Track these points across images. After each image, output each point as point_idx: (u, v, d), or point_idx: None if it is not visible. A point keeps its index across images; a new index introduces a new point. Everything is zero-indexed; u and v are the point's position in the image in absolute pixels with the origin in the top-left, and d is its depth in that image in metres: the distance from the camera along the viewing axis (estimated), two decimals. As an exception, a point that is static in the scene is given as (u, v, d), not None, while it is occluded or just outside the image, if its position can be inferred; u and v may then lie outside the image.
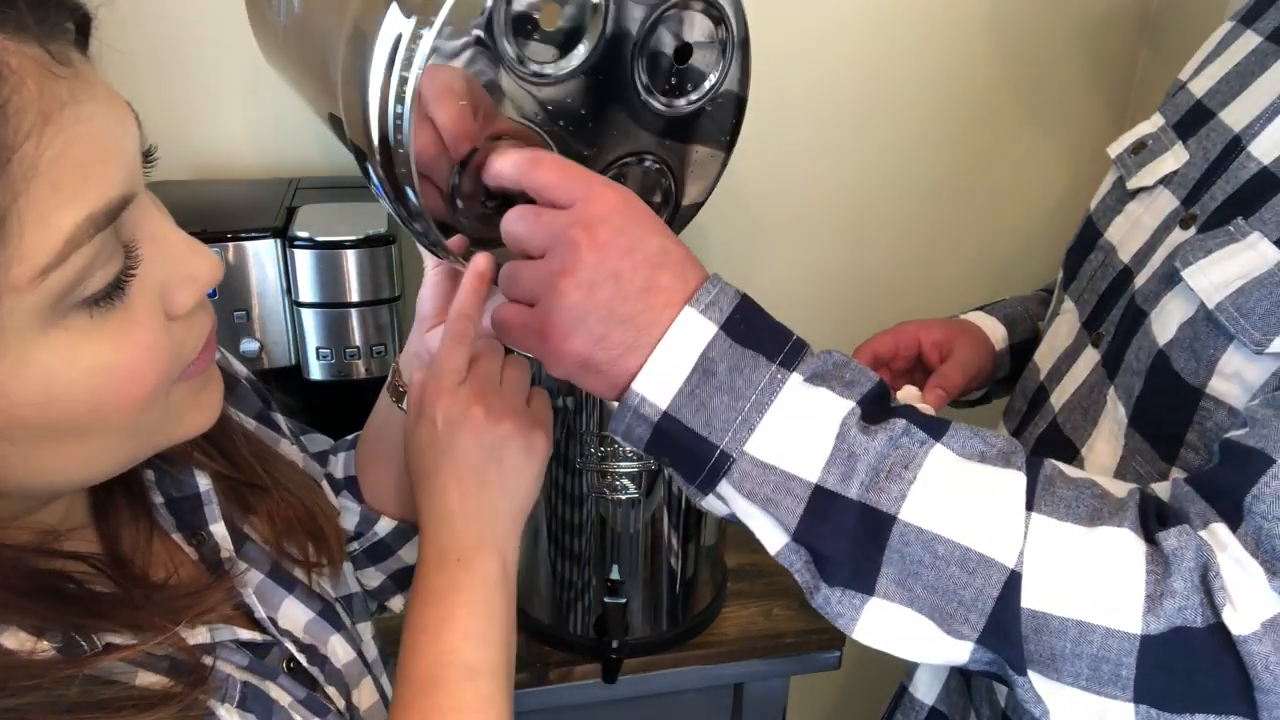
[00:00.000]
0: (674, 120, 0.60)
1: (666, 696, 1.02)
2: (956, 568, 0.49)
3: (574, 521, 0.92)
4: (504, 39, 0.52)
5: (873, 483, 0.50)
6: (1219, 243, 0.58)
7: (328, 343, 0.97)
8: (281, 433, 0.68)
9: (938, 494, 0.49)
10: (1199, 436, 0.57)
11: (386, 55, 0.51)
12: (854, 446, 0.50)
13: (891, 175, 1.30)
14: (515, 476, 0.58)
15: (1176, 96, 0.74)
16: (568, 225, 0.50)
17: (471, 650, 0.55)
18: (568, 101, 0.56)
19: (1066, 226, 0.82)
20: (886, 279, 1.36)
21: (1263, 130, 0.61)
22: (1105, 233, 0.74)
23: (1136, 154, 0.73)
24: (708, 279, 0.52)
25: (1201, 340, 0.57)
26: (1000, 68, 1.27)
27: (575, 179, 0.51)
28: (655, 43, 0.56)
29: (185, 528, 0.56)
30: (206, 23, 1.07)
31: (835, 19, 1.20)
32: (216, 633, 0.51)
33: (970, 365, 0.84)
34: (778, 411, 0.50)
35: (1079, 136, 1.33)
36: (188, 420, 0.47)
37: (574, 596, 0.96)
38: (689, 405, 0.50)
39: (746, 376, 0.50)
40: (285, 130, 1.13)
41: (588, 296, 0.50)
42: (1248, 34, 0.69)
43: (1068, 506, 0.49)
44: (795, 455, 0.50)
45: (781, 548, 0.52)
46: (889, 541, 0.50)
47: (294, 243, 0.93)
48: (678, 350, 0.50)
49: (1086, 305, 0.73)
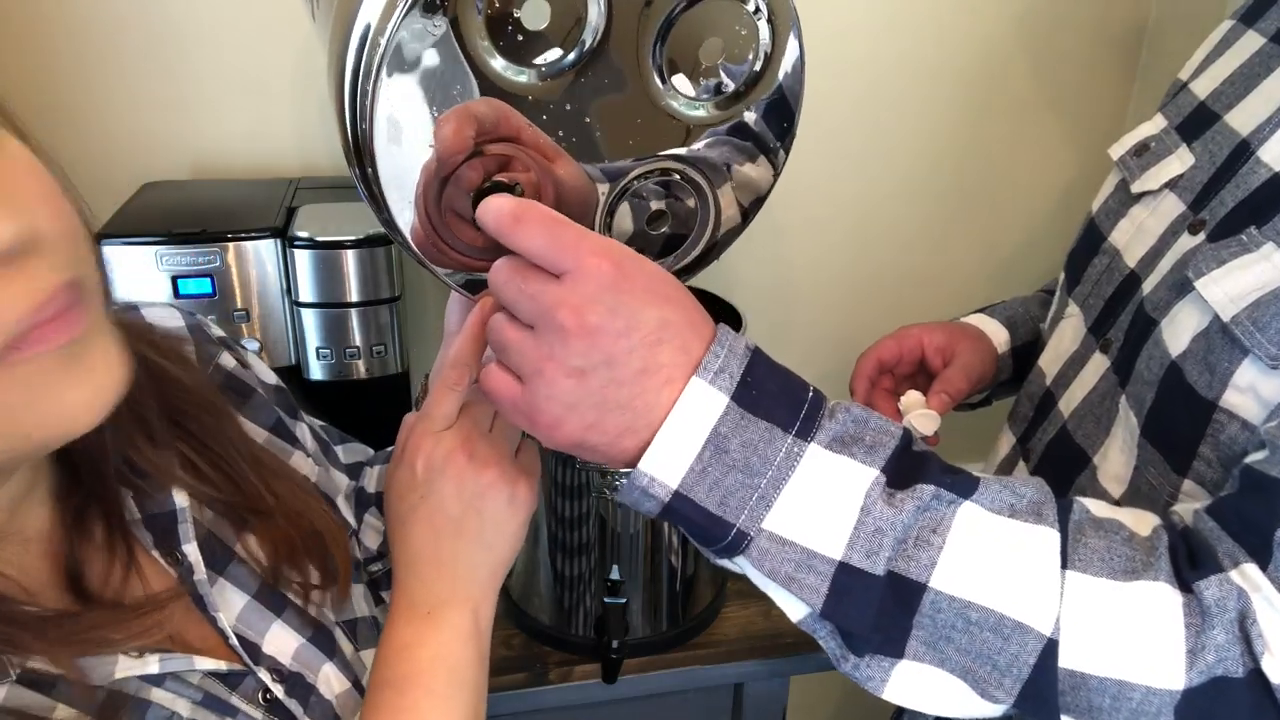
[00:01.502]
0: (710, 126, 0.58)
1: (666, 696, 1.02)
2: (990, 633, 0.47)
3: (574, 521, 0.92)
4: (480, 33, 0.49)
5: (900, 553, 0.48)
6: (1232, 253, 0.57)
7: (328, 343, 0.97)
8: (299, 445, 0.65)
9: (969, 558, 0.48)
10: (1212, 449, 0.57)
11: (355, 49, 0.48)
12: (880, 521, 0.47)
13: (900, 175, 1.30)
14: (495, 529, 0.55)
15: (1178, 97, 0.73)
16: (555, 306, 0.45)
17: (433, 709, 0.53)
18: (581, 105, 0.53)
19: (1070, 225, 0.81)
20: (894, 277, 1.36)
21: (1272, 135, 0.60)
22: (1109, 236, 0.73)
23: (1139, 156, 0.72)
24: (714, 340, 0.48)
25: (1215, 353, 0.56)
26: (1008, 67, 1.27)
27: (564, 247, 0.46)
28: (679, 32, 0.53)
29: (161, 546, 0.53)
30: (206, 23, 1.07)
31: (846, 23, 1.20)
32: (168, 663, 0.47)
33: (973, 369, 0.84)
34: (797, 485, 0.47)
35: (1085, 135, 1.33)
36: (66, 400, 0.39)
37: (574, 596, 0.96)
38: (701, 484, 0.47)
39: (762, 452, 0.47)
40: (285, 130, 1.13)
41: (578, 384, 0.46)
42: (1250, 34, 0.68)
43: (1101, 560, 0.48)
44: (816, 531, 0.48)
45: (804, 618, 0.50)
46: (919, 608, 0.48)
47: (294, 243, 0.93)
48: (687, 426, 0.47)
49: (1092, 310, 0.73)
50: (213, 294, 0.94)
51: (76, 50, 1.05)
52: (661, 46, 0.53)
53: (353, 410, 1.01)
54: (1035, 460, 0.76)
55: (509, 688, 0.96)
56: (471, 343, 0.55)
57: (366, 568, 0.70)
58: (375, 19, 0.47)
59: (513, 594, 1.01)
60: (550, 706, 0.98)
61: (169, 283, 0.92)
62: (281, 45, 1.09)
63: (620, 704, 1.01)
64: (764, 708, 1.06)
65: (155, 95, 1.09)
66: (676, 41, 0.53)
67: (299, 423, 0.66)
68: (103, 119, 1.08)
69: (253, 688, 0.52)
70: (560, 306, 0.45)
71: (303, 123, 1.13)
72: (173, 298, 0.93)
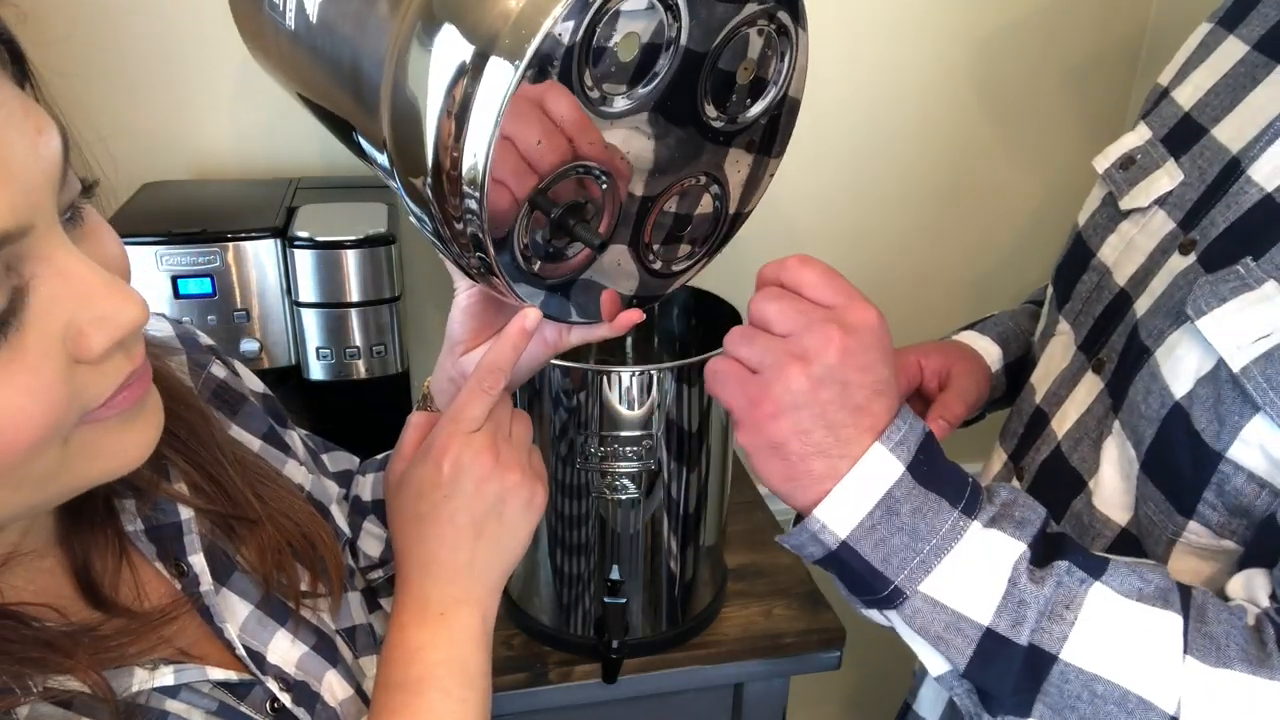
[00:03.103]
0: (731, 135, 0.59)
1: (666, 696, 1.02)
2: (1115, 706, 0.51)
3: (574, 521, 0.92)
4: (582, 70, 0.50)
5: (1038, 625, 0.51)
6: (1232, 289, 0.57)
7: (328, 343, 0.97)
8: (291, 453, 0.65)
9: (1098, 635, 0.51)
10: (1217, 496, 0.57)
11: (447, 81, 0.49)
12: (1024, 594, 0.51)
13: (898, 177, 1.31)
14: (512, 531, 0.57)
15: (1161, 107, 0.72)
16: (826, 320, 0.51)
17: (448, 711, 0.53)
18: (633, 131, 0.55)
19: (1065, 229, 0.81)
20: (893, 278, 1.37)
21: (1262, 154, 0.60)
22: (1098, 253, 0.72)
23: (1125, 170, 0.71)
24: (899, 415, 0.53)
25: (1225, 404, 0.56)
26: (1007, 68, 1.27)
27: (841, 287, 0.53)
28: (723, 63, 0.56)
29: (165, 557, 0.53)
30: (205, 23, 1.07)
31: (847, 24, 1.20)
32: (182, 674, 0.48)
33: (969, 393, 0.83)
34: (957, 556, 0.52)
35: (1085, 136, 1.33)
36: (102, 462, 0.42)
37: (574, 596, 0.96)
38: (868, 539, 0.52)
39: (929, 521, 0.52)
40: (285, 130, 1.13)
41: (813, 390, 0.51)
42: (1231, 40, 0.67)
43: (1219, 649, 0.51)
44: (968, 598, 0.52)
45: (944, 674, 0.55)
46: (1049, 677, 0.52)
47: (294, 243, 0.93)
48: (865, 484, 0.52)
49: (1083, 328, 0.72)
50: (213, 294, 0.94)
51: (77, 50, 1.05)
52: (709, 80, 0.56)
53: (353, 410, 1.01)
54: (1029, 479, 0.75)
55: (509, 688, 0.96)
56: (510, 351, 0.57)
57: (365, 575, 0.70)
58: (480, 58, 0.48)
59: (513, 594, 1.01)
60: (550, 706, 0.98)
61: (169, 283, 0.92)
62: (281, 45, 1.09)
63: (620, 704, 1.01)
64: (764, 708, 1.06)
65: (155, 95, 1.09)
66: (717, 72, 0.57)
67: (289, 430, 0.66)
68: (103, 119, 1.08)
69: (261, 697, 0.52)
70: (831, 322, 0.51)
71: (303, 123, 1.13)
72: (173, 298, 0.93)
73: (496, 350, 0.57)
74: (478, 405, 0.56)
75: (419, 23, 0.50)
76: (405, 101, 0.51)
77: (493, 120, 0.48)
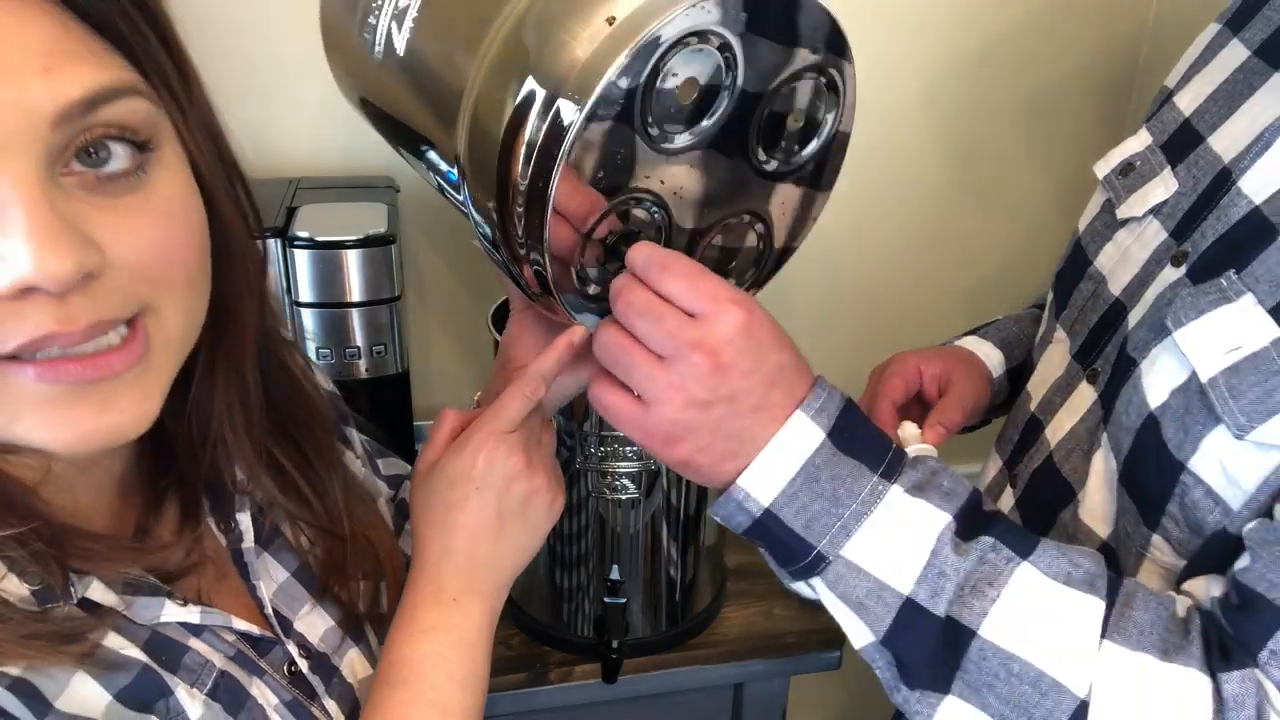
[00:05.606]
0: (783, 174, 0.61)
1: (666, 696, 1.02)
2: (1029, 687, 0.51)
3: (574, 521, 0.92)
4: (645, 112, 0.52)
5: (958, 598, 0.52)
6: (1211, 301, 0.56)
7: (328, 343, 0.97)
8: (350, 447, 0.68)
9: (1018, 615, 0.51)
10: (1179, 508, 0.57)
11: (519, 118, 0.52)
12: (945, 565, 0.52)
13: (896, 177, 1.30)
14: (531, 532, 0.60)
15: (1163, 111, 0.71)
16: (692, 345, 0.51)
17: (453, 693, 0.55)
18: (688, 166, 0.57)
19: (1067, 231, 0.81)
20: (890, 279, 1.36)
21: (1252, 165, 0.59)
22: (1095, 261, 0.72)
23: (1125, 176, 0.71)
24: (816, 383, 0.54)
25: (1191, 415, 0.56)
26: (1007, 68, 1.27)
27: (703, 293, 0.52)
28: (775, 109, 0.57)
29: (216, 512, 0.56)
30: (205, 23, 1.07)
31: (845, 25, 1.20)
32: (208, 615, 0.50)
33: (968, 399, 0.82)
34: (877, 520, 0.52)
35: (1085, 137, 1.33)
36: (21, 427, 0.40)
37: (574, 596, 0.96)
38: (790, 506, 0.53)
39: (849, 486, 0.53)
40: (285, 130, 1.13)
41: (701, 413, 0.52)
42: (1235, 44, 0.66)
43: (1140, 634, 0.51)
44: (889, 564, 0.52)
45: (866, 646, 0.55)
46: (967, 654, 0.52)
47: (294, 243, 0.93)
48: (785, 453, 0.53)
49: (1078, 337, 0.72)
50: (213, 294, 0.94)
51: (76, 50, 1.05)
52: (760, 126, 0.58)
53: (353, 410, 1.00)
54: (1021, 488, 0.75)
55: (509, 688, 0.96)
56: (555, 363, 0.59)
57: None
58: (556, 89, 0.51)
59: (513, 593, 1.01)
60: (550, 706, 0.98)
61: (169, 283, 0.92)
62: (282, 45, 1.08)
63: (620, 704, 1.01)
64: (764, 708, 1.07)
65: (155, 95, 1.09)
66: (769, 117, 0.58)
67: (349, 428, 0.70)
68: (103, 119, 1.08)
69: (280, 658, 0.54)
70: (699, 346, 0.51)
71: (303, 123, 1.13)
72: (173, 298, 0.93)
73: (541, 360, 0.60)
74: (517, 407, 0.59)
75: (498, 62, 0.54)
76: (481, 131, 0.54)
77: (559, 155, 0.51)
